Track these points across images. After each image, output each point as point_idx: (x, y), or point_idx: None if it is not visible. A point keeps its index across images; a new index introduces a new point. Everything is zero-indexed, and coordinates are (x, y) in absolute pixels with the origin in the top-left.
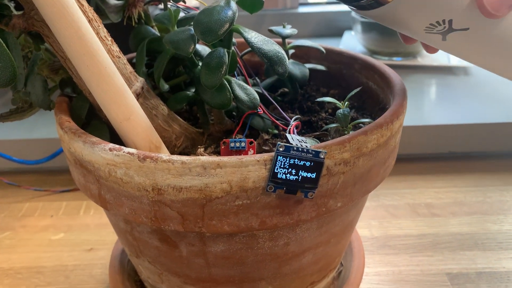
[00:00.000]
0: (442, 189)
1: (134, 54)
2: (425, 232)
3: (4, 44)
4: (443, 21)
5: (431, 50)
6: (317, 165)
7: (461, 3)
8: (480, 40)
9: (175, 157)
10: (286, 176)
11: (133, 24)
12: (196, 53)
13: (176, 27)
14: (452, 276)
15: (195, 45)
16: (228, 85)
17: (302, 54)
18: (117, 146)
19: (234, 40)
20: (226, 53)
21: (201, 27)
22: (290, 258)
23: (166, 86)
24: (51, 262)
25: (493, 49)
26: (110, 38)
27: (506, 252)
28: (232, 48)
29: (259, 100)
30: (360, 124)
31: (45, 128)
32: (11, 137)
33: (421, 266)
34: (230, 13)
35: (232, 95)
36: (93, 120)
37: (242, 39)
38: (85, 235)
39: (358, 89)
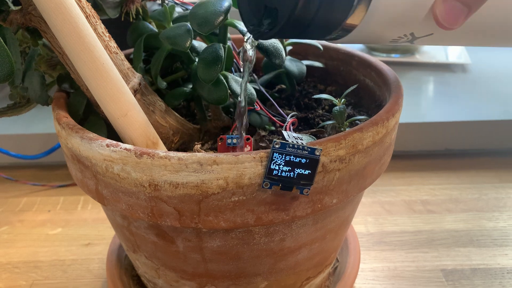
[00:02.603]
0: (438, 186)
1: (132, 50)
2: (420, 229)
3: (1, 40)
4: (405, 35)
5: None
6: (312, 162)
7: (419, 18)
8: (446, 37)
9: (172, 153)
10: (282, 173)
11: (131, 20)
12: (193, 49)
13: (172, 23)
14: (447, 272)
15: (191, 40)
16: (224, 81)
17: (299, 51)
18: (114, 142)
19: (229, 35)
20: (222, 48)
21: (197, 18)
22: (286, 254)
23: (164, 84)
24: (48, 257)
25: (461, 37)
26: (107, 34)
27: (500, 248)
28: (228, 43)
29: (256, 96)
30: (357, 121)
31: (42, 123)
32: (8, 131)
33: (417, 262)
34: (225, 4)
35: (229, 90)
36: (90, 116)
37: (239, 36)
38: (82, 230)
39: (354, 86)
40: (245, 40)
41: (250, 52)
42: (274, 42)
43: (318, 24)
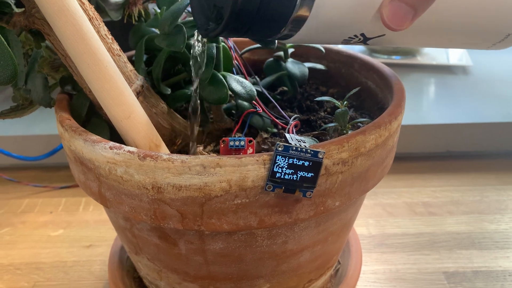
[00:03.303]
0: (440, 188)
1: (134, 52)
2: (422, 231)
3: (5, 42)
4: (355, 35)
5: None
6: (315, 164)
7: (367, 18)
8: (398, 38)
9: (175, 156)
10: (284, 176)
11: (133, 22)
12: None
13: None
14: (449, 274)
15: (185, 41)
16: (223, 80)
17: (301, 53)
18: (117, 144)
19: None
20: (215, 47)
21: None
22: (288, 256)
23: (168, 90)
24: (50, 258)
25: (413, 38)
26: (110, 36)
27: (502, 251)
28: (222, 43)
29: (255, 92)
30: (359, 124)
31: (44, 124)
32: (10, 133)
33: (418, 265)
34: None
35: (228, 90)
36: (93, 118)
37: (241, 38)
38: (84, 232)
39: (357, 88)
40: (195, 37)
41: (198, 49)
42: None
43: (264, 19)
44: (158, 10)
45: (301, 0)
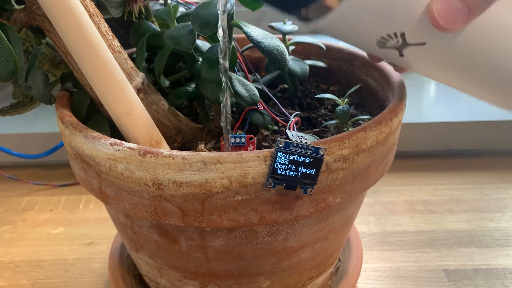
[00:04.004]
0: (440, 186)
1: (135, 49)
2: (422, 229)
3: (5, 38)
4: (395, 34)
5: (400, 69)
6: (316, 161)
7: (412, 15)
8: (441, 56)
9: (176, 152)
10: (285, 172)
11: (134, 19)
12: (197, 49)
13: (176, 22)
14: (449, 272)
15: (195, 41)
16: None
17: (302, 51)
18: (118, 141)
19: (234, 36)
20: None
21: (198, 20)
22: (289, 253)
23: (166, 82)
24: (50, 256)
25: (457, 66)
26: (111, 33)
27: (502, 249)
28: (232, 43)
29: (259, 96)
30: (359, 121)
31: (44, 122)
32: (10, 131)
33: (419, 262)
34: (227, 6)
35: (232, 90)
36: (93, 115)
37: (243, 35)
38: (84, 229)
39: (357, 86)
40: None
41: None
42: (278, 46)
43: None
44: (158, 8)
45: None
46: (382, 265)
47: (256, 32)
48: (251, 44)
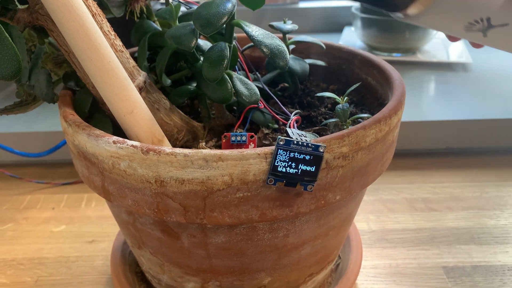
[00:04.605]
0: (439, 184)
1: (136, 48)
2: (422, 227)
3: (9, 38)
4: (481, 19)
5: (476, 45)
6: (316, 158)
7: (497, 1)
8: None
9: (178, 150)
10: (286, 169)
11: (135, 19)
12: (198, 48)
13: (177, 22)
14: (448, 269)
15: (197, 40)
16: (229, 80)
17: (302, 50)
18: (120, 139)
19: (234, 35)
20: (228, 47)
21: (200, 19)
22: (289, 250)
23: (168, 81)
24: (53, 254)
25: None
26: (113, 33)
27: (501, 246)
28: (233, 42)
29: (259, 95)
30: (359, 119)
31: (46, 121)
32: (12, 129)
33: (418, 260)
34: (229, 5)
35: (233, 89)
36: (96, 113)
37: (243, 34)
38: (86, 227)
39: (357, 84)
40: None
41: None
42: (279, 45)
43: None
44: (160, 7)
45: None
46: (382, 262)
47: (257, 32)
48: (252, 44)
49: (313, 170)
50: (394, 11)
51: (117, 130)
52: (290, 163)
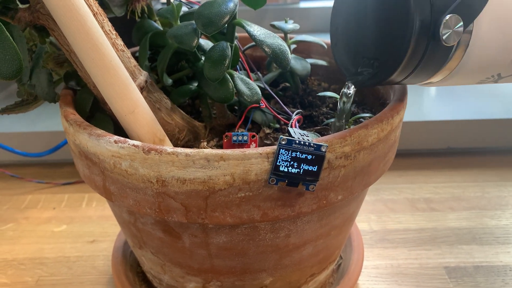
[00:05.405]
0: (441, 184)
1: (137, 48)
2: (423, 227)
3: (10, 37)
4: (492, 76)
5: None
6: (318, 158)
7: (507, 61)
8: None
9: (179, 150)
10: (288, 169)
11: (136, 18)
12: (199, 48)
13: (179, 21)
14: (450, 269)
15: (198, 39)
16: (230, 79)
17: (303, 49)
18: (122, 138)
19: (236, 34)
20: (229, 47)
21: (202, 19)
22: (291, 250)
23: (169, 81)
24: (53, 254)
25: None
26: (114, 32)
27: (503, 246)
28: (235, 42)
29: (261, 95)
30: (361, 119)
31: (47, 121)
32: (13, 129)
33: (420, 260)
34: (231, 5)
35: (234, 89)
36: (97, 113)
37: (244, 34)
38: (87, 227)
39: None
40: (345, 89)
41: (349, 102)
42: (281, 44)
43: (420, 72)
44: (161, 7)
45: (453, 51)
46: (383, 263)
47: (259, 31)
48: (253, 43)
49: (315, 169)
50: (417, 83)
51: (118, 129)
52: (292, 162)
